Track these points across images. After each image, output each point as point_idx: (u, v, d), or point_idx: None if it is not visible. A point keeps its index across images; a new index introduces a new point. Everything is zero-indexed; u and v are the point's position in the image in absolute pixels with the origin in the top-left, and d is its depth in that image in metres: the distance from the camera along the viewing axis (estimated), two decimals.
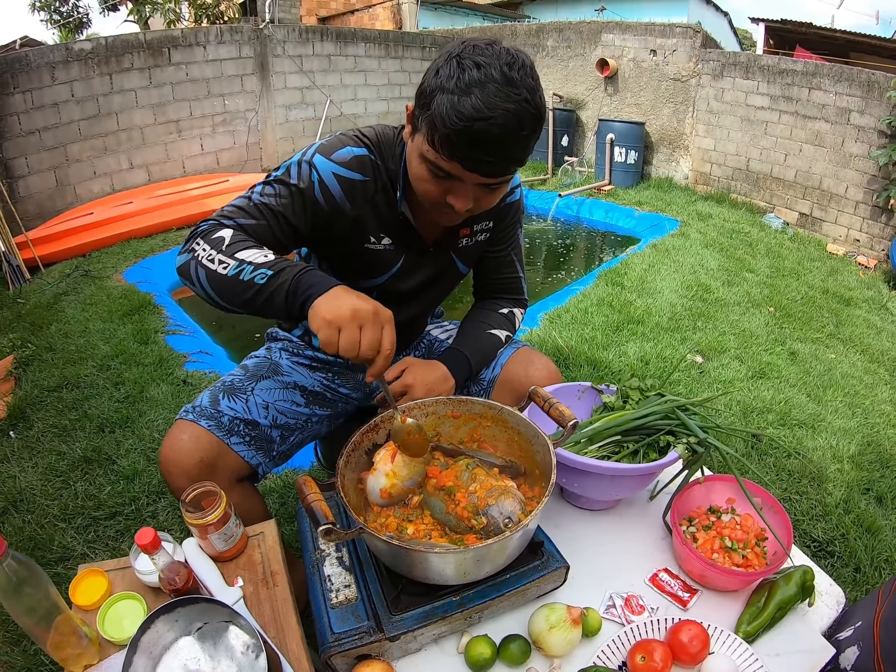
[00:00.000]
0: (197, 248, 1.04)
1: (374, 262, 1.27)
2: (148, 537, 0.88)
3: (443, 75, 0.94)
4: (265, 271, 0.98)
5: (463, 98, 0.90)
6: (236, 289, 1.00)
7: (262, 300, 0.99)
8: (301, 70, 6.56)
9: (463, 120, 0.90)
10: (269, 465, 1.32)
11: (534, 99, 0.94)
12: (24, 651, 1.52)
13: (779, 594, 1.10)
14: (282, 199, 1.12)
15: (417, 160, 1.04)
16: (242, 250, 1.01)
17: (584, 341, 3.18)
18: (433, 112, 0.94)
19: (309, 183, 1.13)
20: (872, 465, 2.43)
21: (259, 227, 1.10)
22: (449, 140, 0.93)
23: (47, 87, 4.72)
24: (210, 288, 1.02)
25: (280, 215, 1.12)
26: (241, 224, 1.09)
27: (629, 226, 5.97)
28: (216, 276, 1.01)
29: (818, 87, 5.48)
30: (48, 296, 3.70)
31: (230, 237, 1.04)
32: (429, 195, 1.07)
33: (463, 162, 0.96)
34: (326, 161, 1.14)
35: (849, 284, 4.56)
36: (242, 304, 1.02)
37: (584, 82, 7.46)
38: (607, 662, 1.02)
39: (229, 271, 0.99)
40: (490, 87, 0.90)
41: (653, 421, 1.25)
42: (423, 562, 0.89)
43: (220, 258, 1.00)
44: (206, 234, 1.05)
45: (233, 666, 0.91)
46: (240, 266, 0.99)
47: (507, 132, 0.92)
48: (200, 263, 1.02)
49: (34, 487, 2.08)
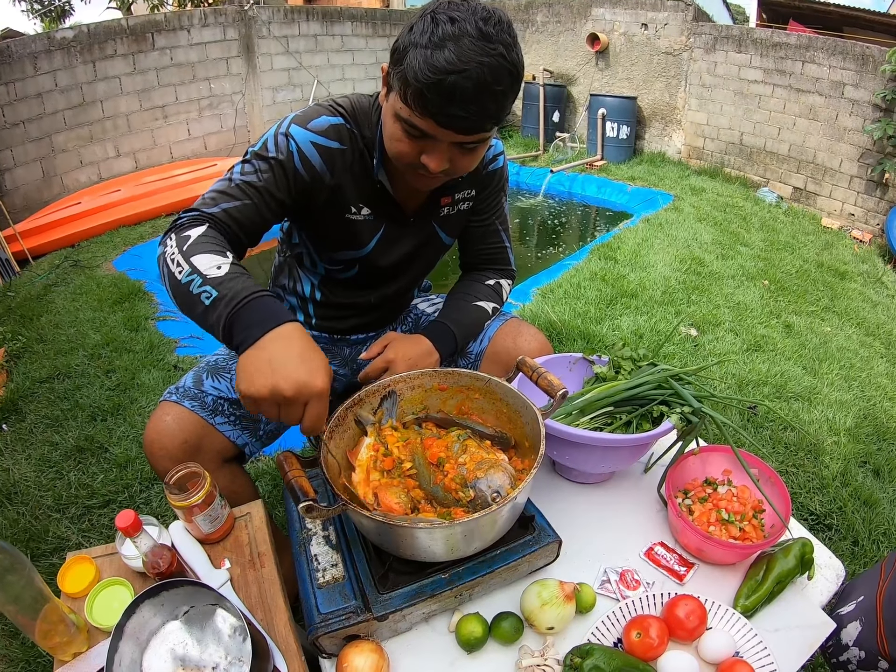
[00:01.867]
0: (169, 242, 0.98)
1: (355, 233, 1.25)
2: (128, 519, 0.86)
3: (416, 31, 0.91)
4: (210, 290, 0.89)
5: (436, 52, 0.88)
6: (187, 301, 0.92)
7: (206, 324, 0.91)
8: (287, 51, 6.47)
9: (436, 73, 0.88)
10: (257, 444, 1.30)
11: (510, 55, 0.91)
12: (23, 643, 1.53)
13: (777, 567, 1.09)
14: (263, 174, 1.09)
15: (391, 119, 1.01)
16: (199, 254, 0.93)
17: (576, 315, 3.18)
18: (406, 67, 0.92)
19: (288, 154, 1.10)
20: (869, 438, 2.43)
21: (245, 207, 1.07)
22: (422, 95, 0.91)
23: (30, 78, 4.65)
24: (169, 290, 0.96)
25: (264, 191, 1.09)
26: (226, 209, 1.05)
27: (622, 201, 5.94)
28: (173, 280, 0.93)
29: (812, 60, 5.43)
30: (38, 288, 3.67)
31: (196, 236, 0.96)
32: (403, 156, 1.04)
33: (436, 117, 0.93)
34: (303, 131, 1.11)
35: (843, 258, 4.55)
36: (195, 319, 0.93)
37: (574, 57, 7.38)
38: (602, 639, 1.00)
39: (182, 278, 0.91)
40: (464, 40, 0.88)
41: (646, 391, 1.23)
42: (409, 538, 0.87)
43: (178, 259, 0.93)
44: (179, 229, 1.00)
45: (220, 650, 0.89)
46: (191, 275, 0.91)
47: (481, 86, 0.89)
48: (165, 261, 0.96)
49: (28, 479, 2.08)
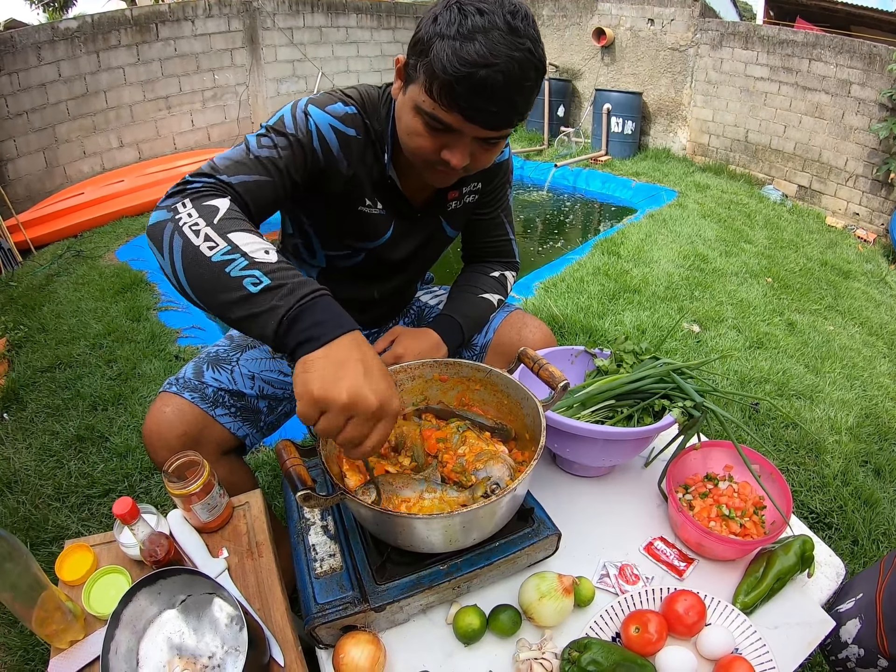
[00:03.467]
0: (181, 209, 0.83)
1: (368, 227, 1.22)
2: (125, 507, 0.85)
3: (442, 22, 0.87)
4: (260, 276, 0.76)
5: (466, 44, 0.85)
6: (217, 283, 0.78)
7: (244, 314, 0.77)
8: (292, 42, 6.44)
9: (466, 66, 0.85)
10: (257, 436, 1.30)
11: (536, 50, 0.89)
12: (21, 632, 1.53)
13: (777, 564, 1.08)
14: (282, 150, 1.01)
15: (411, 113, 0.97)
16: (238, 231, 0.81)
17: (579, 310, 3.17)
18: (432, 59, 0.88)
19: (307, 132, 1.05)
20: (871, 437, 2.43)
21: (262, 183, 0.98)
22: (450, 88, 0.87)
23: (34, 68, 4.63)
24: (181, 267, 0.81)
25: (284, 171, 1.01)
26: (242, 181, 0.95)
27: (626, 196, 5.92)
28: (195, 255, 0.79)
29: (818, 58, 5.40)
30: (40, 278, 3.68)
31: (226, 209, 0.84)
32: (422, 151, 1.00)
33: (464, 112, 0.90)
34: (322, 112, 1.07)
35: (847, 257, 4.53)
36: (218, 307, 0.79)
37: (580, 52, 7.34)
38: (600, 633, 1.00)
39: (215, 255, 0.78)
40: (494, 33, 0.85)
41: (647, 384, 1.23)
42: (407, 528, 0.86)
43: (207, 232, 0.80)
44: (196, 195, 0.86)
45: (217, 639, 0.89)
46: (231, 254, 0.78)
47: (511, 80, 0.87)
48: (180, 230, 0.81)
49: (28, 468, 2.08)
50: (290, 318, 0.75)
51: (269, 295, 0.76)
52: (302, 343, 0.74)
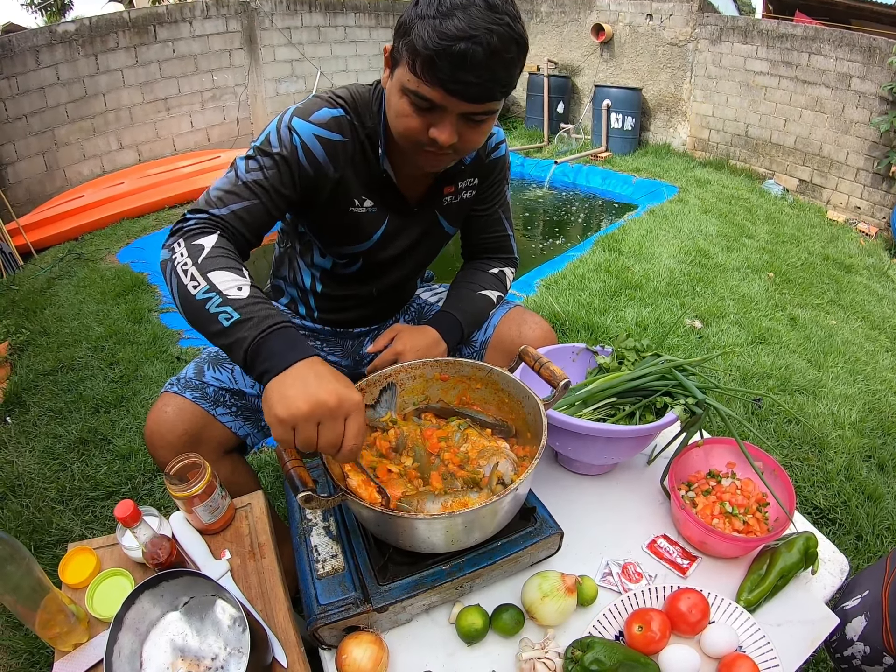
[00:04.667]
0: (177, 249, 0.95)
1: (360, 227, 1.23)
2: (127, 509, 0.85)
3: (422, 4, 0.91)
4: (230, 311, 0.86)
5: (445, 20, 0.88)
6: (200, 317, 0.89)
7: (221, 345, 0.89)
8: (290, 42, 6.44)
9: (445, 40, 0.88)
10: (259, 435, 1.30)
11: (516, 26, 0.92)
12: (26, 635, 1.53)
13: (781, 561, 1.08)
14: (268, 171, 1.07)
15: (398, 95, 1.00)
16: (216, 270, 0.90)
17: (580, 307, 3.16)
18: (413, 38, 0.91)
19: (292, 148, 1.08)
20: (874, 432, 2.42)
21: (253, 207, 1.05)
22: (432, 62, 0.90)
23: (32, 72, 4.63)
24: (178, 301, 0.93)
25: (272, 190, 1.07)
26: (235, 210, 1.03)
27: (626, 192, 5.92)
28: (185, 293, 0.90)
29: (818, 52, 5.38)
30: (41, 281, 3.68)
31: (210, 248, 0.94)
32: (410, 132, 1.02)
33: (446, 85, 0.92)
34: (306, 123, 1.09)
35: (849, 251, 4.52)
36: (206, 336, 0.91)
37: (579, 48, 7.33)
38: (603, 632, 1.00)
39: (197, 293, 0.88)
40: (472, 10, 0.88)
41: (649, 382, 1.22)
42: (408, 529, 0.86)
43: (193, 272, 0.90)
44: (188, 235, 0.97)
45: (220, 640, 0.89)
46: (208, 292, 0.88)
47: (491, 51, 0.89)
48: (174, 269, 0.93)
49: (31, 471, 2.08)
50: (252, 350, 0.84)
51: (238, 328, 0.86)
52: (262, 374, 0.84)
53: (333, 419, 0.80)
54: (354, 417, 0.82)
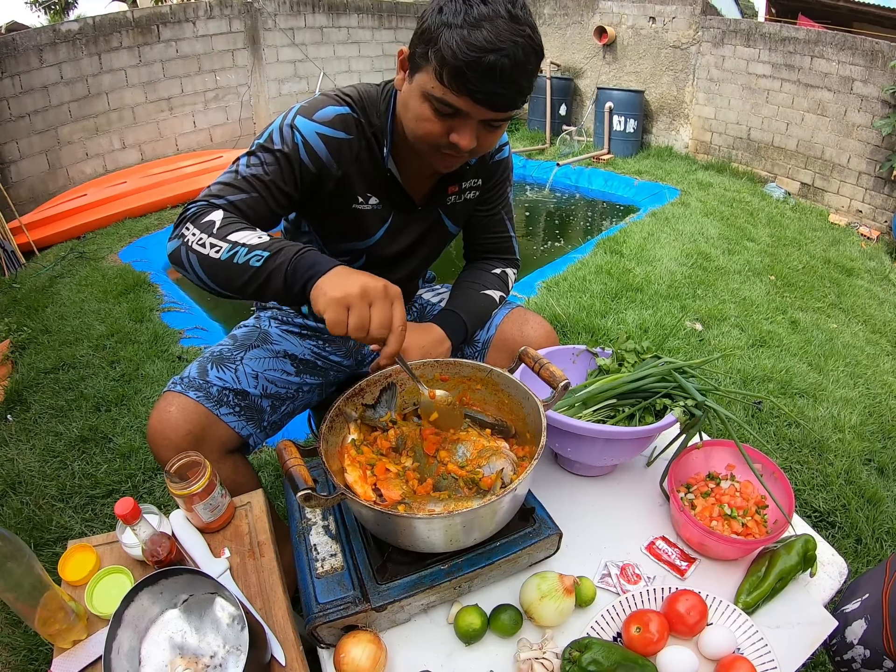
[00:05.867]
0: (186, 232, 1.00)
1: (363, 223, 1.25)
2: (127, 507, 0.86)
3: (447, 12, 0.93)
4: (260, 253, 0.94)
5: (473, 31, 0.90)
6: (231, 273, 0.96)
7: (258, 283, 0.96)
8: (293, 43, 6.45)
9: (475, 51, 0.90)
10: (261, 435, 1.30)
11: (535, 36, 0.96)
12: (25, 632, 1.54)
13: (779, 564, 1.08)
14: (268, 166, 1.09)
15: (419, 100, 1.01)
16: (234, 232, 0.98)
17: (581, 309, 3.17)
18: (441, 46, 0.93)
19: (293, 146, 1.10)
20: (874, 435, 2.42)
21: (251, 200, 1.08)
22: (460, 72, 0.92)
23: (35, 70, 4.64)
24: (203, 273, 0.99)
25: (271, 184, 1.09)
26: (232, 201, 1.06)
27: (628, 195, 5.91)
28: (209, 261, 0.97)
29: (821, 55, 5.38)
30: (43, 279, 3.69)
31: (220, 219, 1.00)
32: (430, 136, 1.04)
33: (474, 95, 0.95)
34: (308, 122, 1.11)
35: (851, 255, 4.52)
36: (238, 289, 0.98)
37: (582, 50, 7.34)
38: (601, 633, 1.00)
39: (222, 254, 0.96)
40: (498, 21, 0.91)
41: (649, 383, 1.23)
42: (408, 528, 0.86)
43: (210, 241, 0.97)
44: (195, 218, 1.02)
45: (218, 638, 0.89)
46: (233, 249, 0.95)
47: (516, 63, 0.92)
48: (191, 248, 0.98)
49: (32, 469, 2.09)
50: (291, 269, 0.93)
51: (270, 261, 0.94)
52: (308, 281, 0.93)
53: (383, 299, 0.90)
54: (398, 304, 0.92)
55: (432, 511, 0.94)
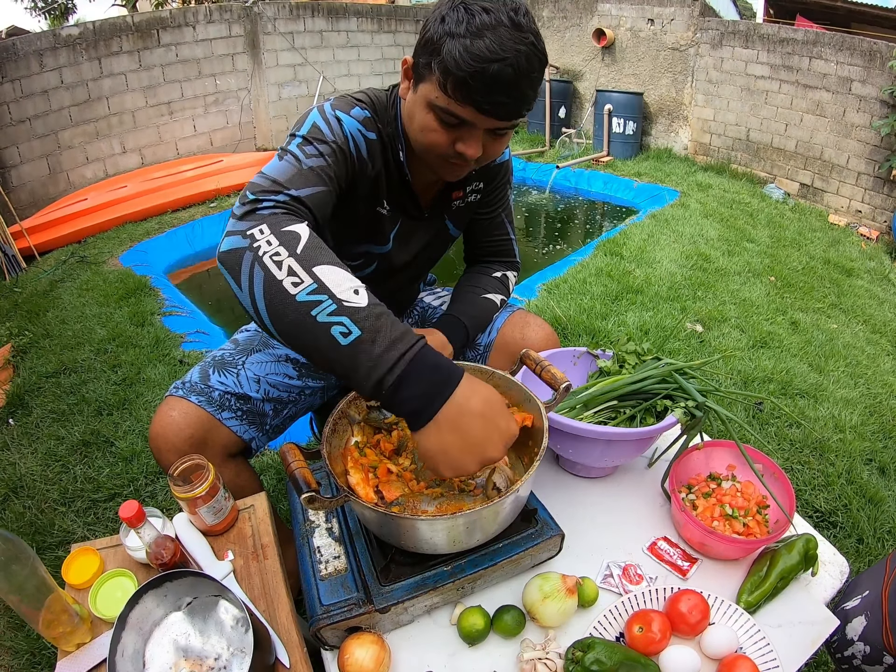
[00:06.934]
0: (259, 236, 0.79)
1: (380, 228, 1.24)
2: (132, 510, 0.86)
3: (450, 21, 0.92)
4: (349, 324, 0.72)
5: (476, 41, 0.89)
6: (302, 326, 0.74)
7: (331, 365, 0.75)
8: (293, 47, 6.47)
9: (478, 62, 0.89)
10: (263, 439, 1.30)
11: (539, 43, 0.94)
12: (27, 635, 1.54)
13: (781, 563, 1.08)
14: (328, 157, 1.01)
15: (424, 110, 1.00)
16: (324, 264, 0.77)
17: (582, 311, 3.17)
18: (444, 57, 0.91)
19: (344, 138, 1.07)
20: (875, 435, 2.42)
21: (323, 195, 0.97)
22: (464, 83, 0.91)
23: (36, 75, 4.66)
24: (263, 302, 0.77)
25: (335, 179, 1.02)
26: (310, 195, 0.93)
27: (628, 197, 5.92)
28: (279, 292, 0.75)
29: (819, 56, 5.39)
30: (44, 283, 3.69)
31: (308, 236, 0.80)
32: (437, 146, 1.03)
33: (478, 105, 0.94)
34: (349, 118, 1.09)
35: (850, 255, 4.52)
36: (301, 349, 0.77)
37: (580, 53, 7.35)
38: (604, 633, 1.00)
39: (300, 293, 0.74)
40: (501, 30, 0.90)
41: (649, 385, 1.23)
42: (411, 529, 0.87)
43: (290, 264, 0.76)
44: (273, 219, 0.83)
45: (222, 641, 0.90)
46: (317, 293, 0.74)
47: (520, 72, 0.91)
48: (260, 261, 0.77)
49: (34, 473, 2.09)
50: (391, 386, 0.73)
51: (360, 349, 0.72)
52: (411, 415, 0.76)
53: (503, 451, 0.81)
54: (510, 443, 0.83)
55: (425, 511, 0.94)
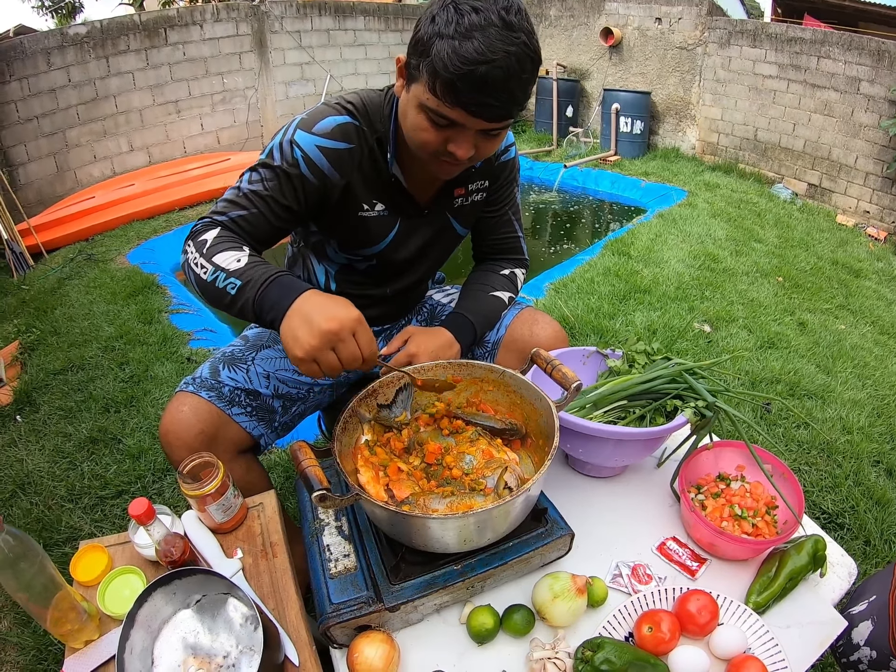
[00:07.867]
0: (188, 249, 1.05)
1: (371, 230, 1.25)
2: (141, 507, 0.86)
3: (440, 21, 0.91)
4: (234, 281, 0.97)
5: (464, 42, 0.88)
6: (216, 295, 1.00)
7: (237, 310, 1.00)
8: (300, 46, 6.46)
9: (466, 64, 0.88)
10: (272, 436, 1.31)
11: (531, 42, 0.93)
12: (35, 632, 1.54)
13: (790, 564, 1.08)
14: (268, 182, 1.11)
15: (415, 111, 1.01)
16: (219, 253, 1.01)
17: (590, 311, 3.16)
18: (433, 58, 0.91)
19: (293, 162, 1.11)
20: (882, 437, 2.40)
21: (252, 216, 1.10)
22: (452, 85, 0.91)
23: (43, 74, 4.67)
24: (199, 291, 1.04)
25: (270, 199, 1.10)
26: (234, 217, 1.09)
27: (635, 196, 5.90)
28: (200, 281, 1.02)
29: (827, 55, 5.36)
30: (52, 281, 3.70)
31: (212, 239, 1.04)
32: (428, 146, 1.03)
33: (467, 107, 0.93)
34: (308, 135, 1.11)
35: (858, 256, 4.49)
36: (224, 310, 1.02)
37: (588, 52, 7.33)
38: (613, 633, 1.00)
39: (208, 276, 1.00)
40: (490, 30, 0.88)
41: (659, 385, 1.22)
42: (422, 528, 0.87)
43: (201, 262, 1.01)
44: (195, 235, 1.06)
45: (231, 638, 0.90)
46: (215, 272, 0.99)
47: (510, 74, 0.90)
48: (189, 266, 1.04)
49: (41, 470, 2.09)
50: (258, 306, 0.96)
51: (242, 292, 0.97)
52: (271, 323, 0.95)
53: (343, 340, 0.90)
54: (360, 331, 0.92)
55: (435, 510, 0.94)
